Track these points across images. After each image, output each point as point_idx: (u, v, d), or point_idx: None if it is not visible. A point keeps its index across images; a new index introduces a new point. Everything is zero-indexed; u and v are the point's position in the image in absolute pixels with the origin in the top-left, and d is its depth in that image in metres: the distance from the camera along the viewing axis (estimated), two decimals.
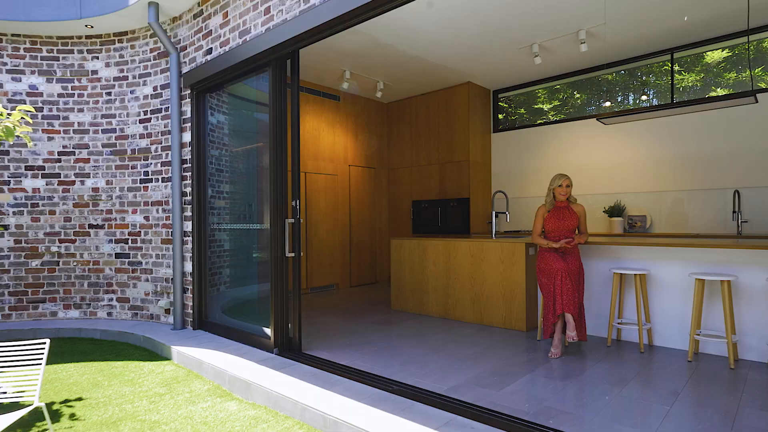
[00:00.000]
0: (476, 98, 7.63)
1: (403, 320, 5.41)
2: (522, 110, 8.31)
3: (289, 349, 4.20)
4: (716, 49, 6.25)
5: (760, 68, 5.92)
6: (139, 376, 3.98)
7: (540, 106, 8.06)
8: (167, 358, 4.45)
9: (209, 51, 4.77)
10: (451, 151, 7.65)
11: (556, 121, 7.41)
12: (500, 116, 8.20)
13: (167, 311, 5.28)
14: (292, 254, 4.18)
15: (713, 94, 6.21)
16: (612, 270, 4.24)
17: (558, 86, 7.73)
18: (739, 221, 5.41)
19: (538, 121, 7.74)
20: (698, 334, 3.84)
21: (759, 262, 3.73)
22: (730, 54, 6.26)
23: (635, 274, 4.10)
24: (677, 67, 6.43)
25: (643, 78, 7.05)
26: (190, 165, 5.08)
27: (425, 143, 8.03)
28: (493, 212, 5.37)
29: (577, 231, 4.32)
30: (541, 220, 4.28)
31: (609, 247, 4.50)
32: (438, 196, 7.82)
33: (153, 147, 5.38)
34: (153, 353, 4.63)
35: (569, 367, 3.71)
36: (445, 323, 5.23)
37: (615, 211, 6.47)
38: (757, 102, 4.37)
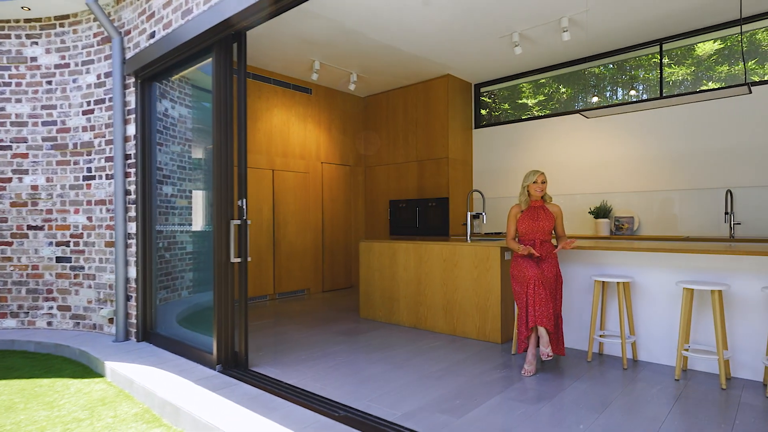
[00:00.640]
0: (456, 92, 7.22)
1: (370, 330, 4.98)
2: (506, 105, 7.92)
3: (235, 365, 3.76)
4: (707, 40, 5.89)
5: (753, 61, 5.57)
6: (62, 396, 3.52)
7: (524, 101, 7.68)
8: (101, 375, 3.99)
9: (152, 35, 4.32)
10: (430, 147, 7.23)
11: (540, 117, 7.02)
12: (483, 112, 7.81)
13: (110, 321, 4.82)
14: (238, 259, 3.74)
15: (704, 87, 5.84)
16: (593, 277, 3.84)
17: (543, 80, 7.35)
18: (732, 223, 5.04)
19: (523, 117, 7.35)
20: (686, 350, 3.45)
21: (754, 270, 3.34)
22: (722, 46, 5.90)
23: (618, 282, 3.70)
24: (667, 60, 6.07)
25: (632, 72, 6.68)
26: (134, 160, 4.62)
27: (403, 139, 7.62)
28: (468, 213, 4.95)
29: (553, 233, 3.93)
30: (515, 222, 3.88)
31: (590, 252, 4.11)
32: (416, 195, 7.41)
33: (96, 141, 4.91)
34: (87, 369, 4.17)
35: (543, 387, 3.30)
36: (414, 334, 4.82)
37: (601, 211, 6.08)
38: (750, 92, 3.99)
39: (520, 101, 7.69)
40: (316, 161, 7.49)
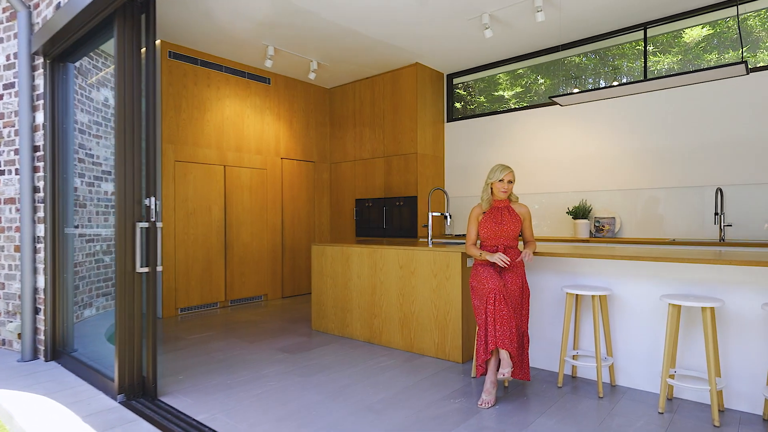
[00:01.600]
0: (426, 82, 6.67)
1: (319, 346, 4.41)
2: (482, 98, 7.39)
3: (142, 393, 3.17)
4: (695, 26, 5.39)
5: (745, 48, 5.08)
6: None
7: (501, 93, 7.15)
8: None
9: (58, 5, 3.71)
10: (398, 142, 6.67)
11: (515, 109, 6.48)
12: (458, 105, 7.27)
13: (19, 336, 4.19)
14: (146, 269, 3.15)
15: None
16: (564, 289, 3.30)
17: (521, 70, 6.82)
18: (722, 225, 4.55)
19: (499, 109, 6.81)
20: (672, 376, 2.93)
21: (752, 282, 2.82)
22: (711, 32, 5.41)
23: (593, 296, 3.16)
24: (652, 48, 5.56)
25: (614, 62, 6.18)
26: (43, 153, 4.00)
27: (370, 133, 7.04)
28: (429, 214, 4.40)
29: (520, 238, 3.38)
30: (476, 224, 3.33)
31: (562, 259, 3.57)
32: (383, 194, 6.84)
33: (6, 131, 4.27)
34: None
35: (503, 424, 2.75)
36: (367, 350, 4.25)
37: (580, 211, 5.56)
38: (747, 73, 3.49)
39: (496, 93, 7.17)
40: (275, 157, 6.89)
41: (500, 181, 3.25)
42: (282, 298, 6.97)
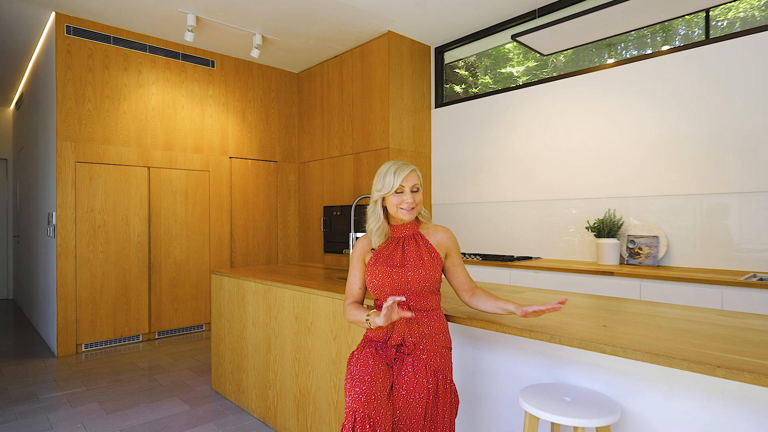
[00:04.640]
0: (404, 56, 5.16)
1: (192, 425, 3.02)
2: (487, 78, 5.77)
3: None
4: None
5: None
6: None
7: (509, 70, 5.51)
8: None
9: None
10: (367, 135, 5.21)
11: (522, 86, 4.84)
12: (458, 89, 5.70)
13: None
14: None
15: None
16: (523, 401, 1.70)
17: None
18: None
19: (498, 89, 5.18)
20: None
21: None
22: None
23: (577, 428, 1.55)
24: None
25: (665, 20, 4.41)
26: None
27: (338, 125, 5.62)
28: (351, 234, 2.92)
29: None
30: (362, 268, 1.84)
31: (524, 338, 1.96)
32: (352, 200, 5.40)
33: None
34: None
35: None
36: None
37: (606, 227, 3.86)
38: None
39: (504, 71, 5.53)
40: (221, 155, 5.62)
41: (399, 192, 1.74)
42: None
